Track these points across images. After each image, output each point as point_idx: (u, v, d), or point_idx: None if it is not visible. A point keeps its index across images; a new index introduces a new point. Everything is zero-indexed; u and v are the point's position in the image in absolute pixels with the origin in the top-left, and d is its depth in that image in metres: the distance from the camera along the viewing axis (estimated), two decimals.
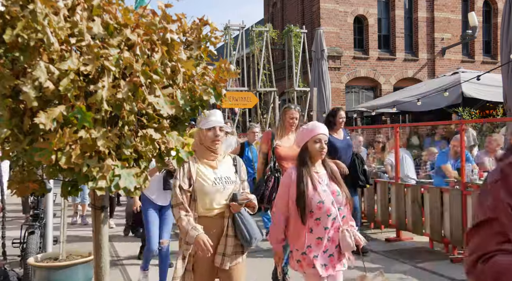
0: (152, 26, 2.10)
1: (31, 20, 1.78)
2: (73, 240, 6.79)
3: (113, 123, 2.07)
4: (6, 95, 1.93)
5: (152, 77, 2.04)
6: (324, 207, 2.94)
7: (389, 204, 6.97)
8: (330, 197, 2.98)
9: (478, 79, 9.19)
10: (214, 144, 2.95)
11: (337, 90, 16.72)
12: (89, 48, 1.91)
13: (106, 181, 1.99)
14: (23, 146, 2.00)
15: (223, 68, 2.36)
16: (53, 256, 3.82)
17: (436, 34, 18.26)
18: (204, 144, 2.98)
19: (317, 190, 2.96)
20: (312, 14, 17.46)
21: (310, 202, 2.93)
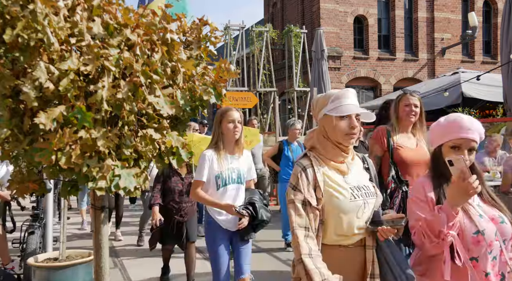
0: (152, 26, 2.11)
1: (31, 20, 1.78)
2: (73, 240, 6.79)
3: (113, 123, 2.07)
4: (6, 95, 1.93)
5: (152, 77, 2.04)
6: (485, 240, 1.92)
7: None
8: (492, 225, 1.97)
9: (478, 79, 9.20)
10: (349, 139, 2.01)
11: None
12: (89, 48, 1.91)
13: (106, 181, 1.99)
14: (23, 146, 2.00)
15: (223, 68, 2.36)
16: (53, 256, 3.82)
17: (436, 34, 18.26)
18: (332, 138, 2.03)
19: (470, 215, 1.98)
20: (312, 14, 17.46)
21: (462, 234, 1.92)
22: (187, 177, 4.64)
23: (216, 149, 3.37)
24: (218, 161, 3.33)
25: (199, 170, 3.35)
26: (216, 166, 3.34)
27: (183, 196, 4.56)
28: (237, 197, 3.45)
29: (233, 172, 3.39)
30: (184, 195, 4.56)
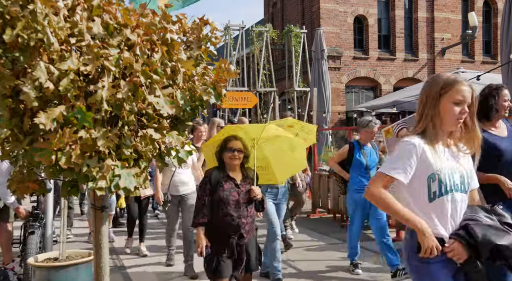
0: (152, 26, 2.11)
1: (31, 20, 1.78)
2: (73, 240, 6.79)
3: (113, 123, 2.07)
4: (6, 95, 1.93)
5: (152, 77, 2.04)
6: None
7: None
8: None
9: (478, 79, 9.18)
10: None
11: (337, 90, 16.72)
12: (89, 48, 1.91)
13: (106, 181, 1.99)
14: (23, 146, 2.01)
15: (223, 68, 2.36)
16: (53, 256, 3.82)
17: (436, 34, 18.25)
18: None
19: None
20: (312, 14, 17.46)
21: None
22: (243, 183, 3.53)
23: (425, 138, 2.17)
24: (433, 155, 2.13)
25: (394, 160, 2.17)
26: (432, 161, 2.13)
27: (240, 209, 3.43)
28: (458, 213, 2.17)
29: (455, 173, 2.16)
30: (242, 208, 3.44)
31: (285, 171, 4.20)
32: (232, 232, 3.39)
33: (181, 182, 5.31)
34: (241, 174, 3.57)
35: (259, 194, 3.49)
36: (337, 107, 16.46)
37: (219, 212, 3.40)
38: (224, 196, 3.40)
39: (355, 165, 5.14)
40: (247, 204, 3.47)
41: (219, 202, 3.40)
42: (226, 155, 3.48)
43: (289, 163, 4.18)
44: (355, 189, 5.10)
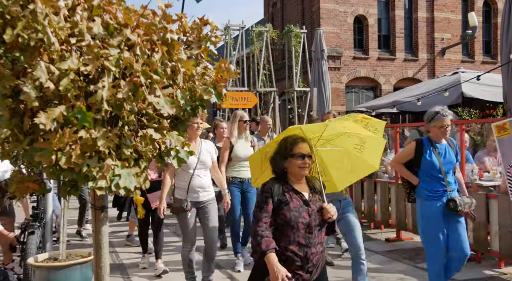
0: (152, 26, 2.10)
1: (31, 20, 1.78)
2: (73, 240, 6.79)
3: (113, 123, 2.07)
4: (6, 95, 1.93)
5: (152, 77, 2.04)
6: None
7: (389, 204, 6.96)
8: None
9: (478, 79, 9.19)
10: None
11: (337, 90, 16.72)
12: (89, 48, 1.91)
13: (106, 181, 1.99)
14: (23, 146, 2.00)
15: (223, 68, 2.36)
16: (53, 256, 3.82)
17: (436, 34, 18.25)
18: None
19: None
20: (312, 14, 17.45)
21: None
22: (312, 199, 2.69)
23: None
24: None
25: None
26: None
27: (311, 235, 2.59)
28: None
29: None
30: (314, 233, 2.60)
31: (346, 176, 3.36)
32: (298, 266, 2.56)
33: (201, 187, 4.43)
34: (307, 186, 2.75)
35: (334, 214, 2.65)
36: (337, 107, 16.46)
37: (282, 239, 2.55)
38: (291, 218, 2.55)
39: (424, 167, 4.10)
40: (319, 227, 2.63)
41: (283, 226, 2.56)
42: (293, 163, 2.64)
43: (354, 166, 3.30)
44: (428, 196, 4.09)
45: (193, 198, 4.41)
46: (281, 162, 2.69)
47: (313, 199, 2.70)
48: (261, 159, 3.01)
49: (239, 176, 5.48)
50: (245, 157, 5.30)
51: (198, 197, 4.45)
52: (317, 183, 2.79)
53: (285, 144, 2.71)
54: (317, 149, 3.03)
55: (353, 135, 3.17)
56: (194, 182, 4.39)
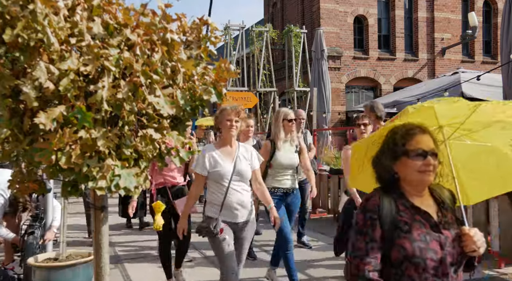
0: (152, 26, 2.10)
1: (31, 20, 1.78)
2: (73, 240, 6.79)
3: (113, 123, 2.07)
4: (6, 95, 1.93)
5: (152, 77, 2.04)
6: None
7: None
8: None
9: (478, 79, 9.20)
10: None
11: (337, 90, 16.73)
12: (89, 48, 1.91)
13: (106, 181, 1.99)
14: (23, 146, 2.00)
15: (223, 68, 2.36)
16: (53, 256, 3.82)
17: (436, 34, 18.26)
18: None
19: None
20: (312, 14, 17.46)
21: None
22: (444, 220, 1.81)
23: None
24: None
25: None
26: None
27: (446, 277, 1.74)
28: None
29: None
30: (451, 274, 1.75)
31: (489, 184, 2.27)
32: None
33: (240, 204, 3.47)
34: (432, 200, 1.85)
35: (482, 245, 1.75)
36: (337, 107, 16.47)
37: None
38: (415, 252, 1.69)
39: None
40: (456, 265, 1.76)
41: (401, 264, 1.71)
42: (409, 164, 1.77)
43: (506, 171, 2.22)
44: None
45: (229, 217, 3.47)
46: (390, 165, 1.82)
47: (444, 220, 1.77)
48: (366, 151, 2.10)
49: (282, 186, 4.58)
50: (289, 165, 4.58)
51: (236, 217, 3.48)
52: (447, 194, 1.89)
53: (394, 136, 1.83)
54: (449, 142, 2.11)
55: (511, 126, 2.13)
56: (230, 197, 3.44)
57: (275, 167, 4.55)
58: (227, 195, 3.43)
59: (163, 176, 4.65)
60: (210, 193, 3.52)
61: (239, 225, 3.51)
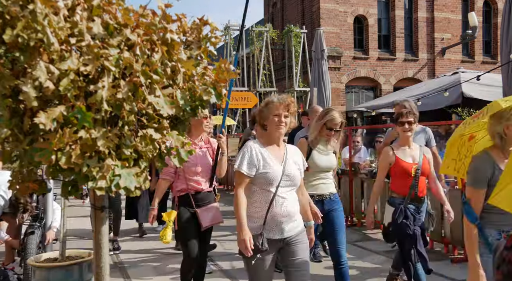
0: (152, 26, 2.10)
1: (31, 20, 1.78)
2: (73, 240, 6.79)
3: (113, 123, 2.07)
4: (6, 95, 1.93)
5: (152, 77, 2.04)
6: None
7: None
8: None
9: (478, 79, 9.20)
10: None
11: (337, 90, 16.73)
12: (89, 48, 1.91)
13: (106, 181, 1.99)
14: (23, 146, 2.00)
15: (223, 68, 2.36)
16: (53, 256, 3.82)
17: (436, 34, 18.27)
18: None
19: None
20: (312, 14, 17.46)
21: None
22: None
23: None
24: None
25: None
26: None
27: None
28: None
29: None
30: None
31: None
32: None
33: (287, 215, 2.84)
34: None
35: None
36: (337, 107, 16.47)
37: None
38: None
39: None
40: None
41: None
42: None
43: None
44: None
45: (274, 232, 2.82)
46: None
47: None
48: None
49: (318, 192, 3.89)
50: (327, 167, 3.94)
51: (282, 232, 2.83)
52: None
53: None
54: None
55: None
56: (276, 208, 2.80)
57: (310, 170, 3.81)
58: (272, 204, 2.78)
59: (186, 181, 3.86)
60: (251, 202, 2.84)
61: (285, 242, 2.84)
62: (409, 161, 3.89)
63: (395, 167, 3.91)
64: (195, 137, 3.98)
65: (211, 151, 4.05)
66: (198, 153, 3.89)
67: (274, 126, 2.83)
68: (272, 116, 2.83)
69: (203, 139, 4.05)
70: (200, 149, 3.97)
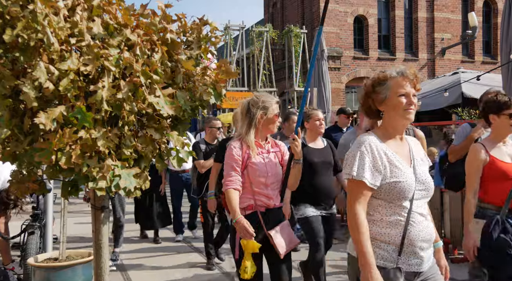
0: (152, 26, 2.11)
1: (31, 20, 1.78)
2: (73, 240, 6.79)
3: (113, 123, 2.07)
4: (6, 95, 1.93)
5: (152, 77, 2.04)
6: None
7: None
8: None
9: (478, 79, 9.20)
10: None
11: (337, 90, 16.73)
12: (89, 48, 1.91)
13: (106, 181, 1.99)
14: (23, 146, 2.00)
15: (223, 68, 2.36)
16: (53, 256, 3.82)
17: (436, 34, 18.27)
18: None
19: None
20: (312, 14, 17.46)
21: None
22: None
23: None
24: None
25: None
26: None
27: None
28: None
29: None
30: None
31: None
32: None
33: (428, 239, 2.05)
34: None
35: None
36: (337, 107, 16.45)
37: None
38: None
39: None
40: None
41: None
42: None
43: None
44: None
45: (411, 264, 1.99)
46: None
47: None
48: None
49: None
50: None
51: (421, 263, 2.02)
52: None
53: None
54: None
55: None
56: (415, 229, 1.99)
57: None
58: (409, 224, 1.97)
59: (254, 195, 2.91)
60: (374, 222, 2.01)
61: (422, 276, 2.04)
62: (507, 161, 3.06)
63: (490, 169, 3.04)
64: (261, 139, 3.03)
65: (280, 156, 3.08)
66: (267, 159, 2.97)
67: (401, 110, 2.00)
68: (395, 96, 2.00)
69: (269, 141, 3.11)
70: (267, 153, 3.00)
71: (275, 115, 2.96)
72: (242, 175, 2.84)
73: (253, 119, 2.87)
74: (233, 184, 2.83)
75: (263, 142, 3.02)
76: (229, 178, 2.84)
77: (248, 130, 2.88)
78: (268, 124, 2.96)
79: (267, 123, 2.94)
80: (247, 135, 2.87)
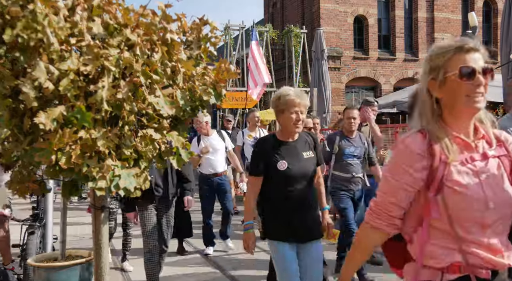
0: (152, 26, 2.10)
1: (31, 20, 1.78)
2: (73, 240, 6.79)
3: (113, 123, 2.07)
4: (6, 95, 1.93)
5: (152, 77, 2.04)
6: None
7: None
8: None
9: None
10: None
11: (337, 90, 16.73)
12: (89, 48, 1.91)
13: (106, 181, 1.99)
14: (23, 146, 2.00)
15: (223, 68, 2.36)
16: (52, 256, 3.82)
17: (436, 34, 18.27)
18: None
19: None
20: (312, 14, 17.46)
21: None
22: None
23: None
24: None
25: None
26: None
27: None
28: None
29: None
30: None
31: None
32: None
33: None
34: None
35: None
36: (337, 107, 16.47)
37: None
38: None
39: None
40: None
41: None
42: None
43: None
44: None
45: None
46: None
47: None
48: None
49: None
50: None
51: None
52: None
53: None
54: None
55: None
56: None
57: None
58: None
59: (461, 245, 1.48)
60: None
61: None
62: None
63: None
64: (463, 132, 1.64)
65: (508, 163, 1.58)
66: (483, 174, 1.51)
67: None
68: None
69: (483, 133, 1.64)
70: (484, 160, 1.54)
71: None
72: (434, 204, 1.48)
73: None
74: (376, 222, 1.62)
75: (470, 137, 1.56)
76: (377, 215, 1.61)
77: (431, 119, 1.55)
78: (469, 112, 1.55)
79: (467, 112, 1.54)
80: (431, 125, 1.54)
